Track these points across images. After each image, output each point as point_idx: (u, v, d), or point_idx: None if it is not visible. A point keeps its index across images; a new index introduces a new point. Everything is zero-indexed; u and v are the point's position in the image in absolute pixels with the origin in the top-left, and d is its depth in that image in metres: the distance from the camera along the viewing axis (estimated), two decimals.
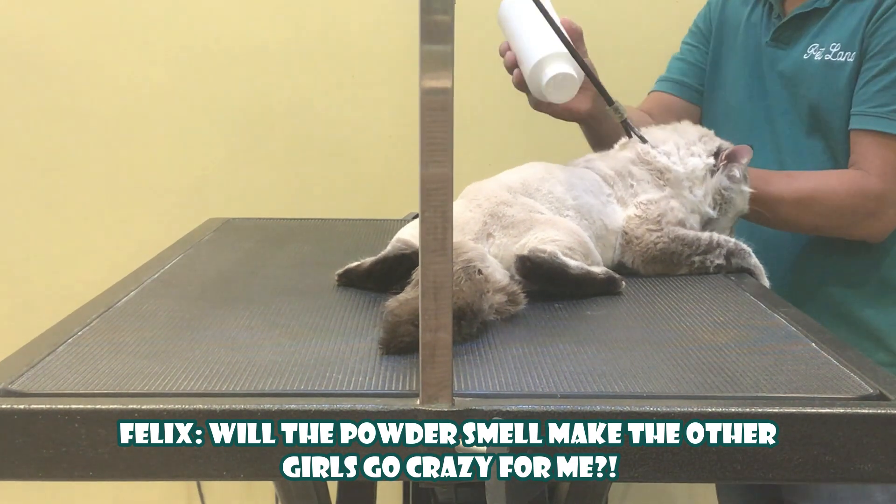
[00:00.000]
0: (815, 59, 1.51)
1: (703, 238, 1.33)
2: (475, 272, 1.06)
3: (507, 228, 1.22)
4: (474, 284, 1.05)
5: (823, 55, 1.50)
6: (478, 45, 2.00)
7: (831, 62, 1.49)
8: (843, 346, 1.00)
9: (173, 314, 1.10)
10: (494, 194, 1.27)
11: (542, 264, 1.15)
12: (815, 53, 1.52)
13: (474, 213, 1.23)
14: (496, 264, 1.16)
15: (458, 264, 1.06)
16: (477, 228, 1.22)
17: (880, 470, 0.82)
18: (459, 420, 0.80)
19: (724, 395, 0.86)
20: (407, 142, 2.12)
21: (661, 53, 2.02)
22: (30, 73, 2.11)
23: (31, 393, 0.85)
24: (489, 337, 1.03)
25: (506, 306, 1.08)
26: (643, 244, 1.32)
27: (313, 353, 0.96)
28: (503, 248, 1.20)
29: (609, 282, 1.22)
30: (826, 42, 1.51)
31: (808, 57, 1.52)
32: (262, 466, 0.81)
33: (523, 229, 1.21)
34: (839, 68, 1.49)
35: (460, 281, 1.04)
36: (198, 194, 2.15)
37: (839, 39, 1.49)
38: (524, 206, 1.25)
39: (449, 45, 0.78)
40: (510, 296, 1.10)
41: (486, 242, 1.21)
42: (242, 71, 2.12)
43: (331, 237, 1.64)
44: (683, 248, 1.32)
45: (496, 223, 1.22)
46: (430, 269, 0.80)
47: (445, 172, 0.79)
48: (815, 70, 1.51)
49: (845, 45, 1.48)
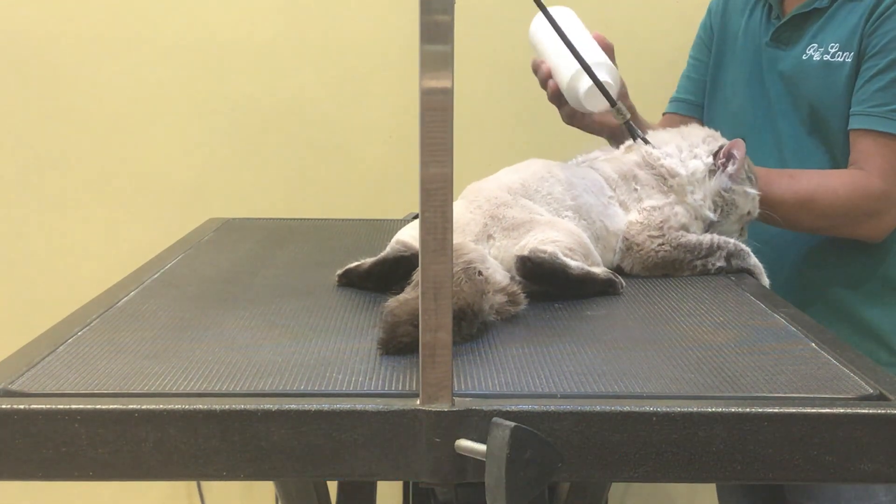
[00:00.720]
0: (814, 60, 1.51)
1: (703, 242, 1.33)
2: (475, 273, 1.06)
3: (508, 231, 1.22)
4: (475, 285, 1.05)
5: (822, 55, 1.50)
6: (478, 45, 2.00)
7: (830, 62, 1.49)
8: (843, 346, 1.00)
9: (173, 314, 1.10)
10: (495, 196, 1.27)
11: (542, 264, 1.15)
12: (813, 54, 1.51)
13: (475, 215, 1.24)
14: (497, 265, 1.16)
15: (458, 265, 1.06)
16: (477, 230, 1.22)
17: (880, 470, 0.82)
18: (459, 420, 0.80)
19: (724, 395, 0.86)
20: (407, 142, 2.12)
21: (661, 54, 2.02)
22: (30, 73, 2.11)
23: (31, 393, 0.85)
24: (489, 337, 1.03)
25: (506, 307, 1.08)
26: (644, 251, 1.32)
27: (313, 353, 0.96)
28: (503, 250, 1.20)
29: (609, 282, 1.22)
30: (825, 42, 1.51)
31: (806, 57, 1.52)
32: (262, 466, 0.81)
33: (523, 231, 1.21)
34: (838, 69, 1.48)
35: (460, 282, 1.04)
36: (198, 194, 2.15)
37: (838, 39, 1.49)
38: (524, 207, 1.25)
39: (449, 45, 0.78)
40: (510, 296, 1.10)
41: (487, 244, 1.21)
42: (243, 71, 2.12)
43: (331, 237, 1.64)
44: (685, 254, 1.32)
45: (497, 225, 1.22)
46: (430, 269, 0.80)
47: (445, 172, 0.79)
48: (813, 70, 1.51)
49: (844, 45, 1.48)
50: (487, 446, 0.77)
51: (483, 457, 0.78)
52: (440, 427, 0.80)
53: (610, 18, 2.08)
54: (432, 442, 0.80)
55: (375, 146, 2.15)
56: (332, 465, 0.81)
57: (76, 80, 2.12)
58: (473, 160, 1.39)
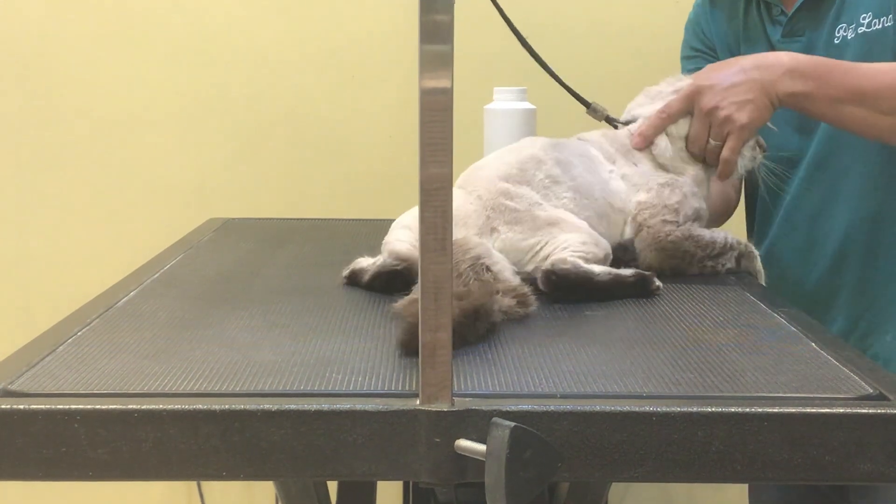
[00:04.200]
0: (850, 39, 1.41)
1: (717, 240, 1.31)
2: (483, 269, 1.06)
3: (512, 224, 1.21)
4: (485, 285, 1.05)
5: (856, 30, 1.41)
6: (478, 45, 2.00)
7: (867, 34, 1.39)
8: (843, 346, 1.00)
9: (173, 314, 1.10)
10: (493, 185, 1.25)
11: (567, 276, 1.16)
12: (846, 34, 1.41)
13: (475, 206, 1.22)
14: (503, 260, 1.15)
15: (465, 262, 1.06)
16: (480, 223, 1.21)
17: (880, 470, 0.82)
18: (459, 420, 0.80)
19: (724, 395, 0.86)
20: (407, 142, 2.12)
21: (660, 54, 2.02)
22: (30, 73, 2.11)
23: (31, 393, 0.85)
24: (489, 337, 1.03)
25: (515, 308, 1.08)
26: (654, 232, 1.29)
27: (313, 353, 0.96)
28: (509, 243, 1.20)
29: (640, 282, 1.20)
30: (854, 17, 1.41)
31: (839, 40, 1.42)
32: (262, 466, 0.81)
33: (529, 227, 1.21)
34: (880, 36, 1.39)
35: (469, 280, 1.04)
36: (198, 194, 2.15)
37: (869, 8, 1.39)
38: (523, 198, 1.24)
39: (449, 45, 0.78)
40: (520, 298, 1.10)
41: (491, 237, 1.20)
42: (243, 71, 2.12)
43: (331, 237, 1.65)
44: (697, 249, 1.30)
45: (499, 217, 1.22)
46: (430, 269, 0.80)
47: (445, 172, 0.79)
48: (851, 50, 1.40)
49: (878, 10, 1.39)
50: (487, 446, 0.77)
51: (483, 457, 0.77)
52: (440, 427, 0.80)
53: (609, 19, 2.08)
54: (432, 442, 0.80)
55: (375, 146, 2.15)
56: (332, 465, 0.81)
57: (76, 80, 2.12)
58: (473, 160, 1.39)
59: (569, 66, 1.55)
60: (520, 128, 1.53)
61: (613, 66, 2.07)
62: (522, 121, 1.54)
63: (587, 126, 1.48)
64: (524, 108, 1.54)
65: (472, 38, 1.98)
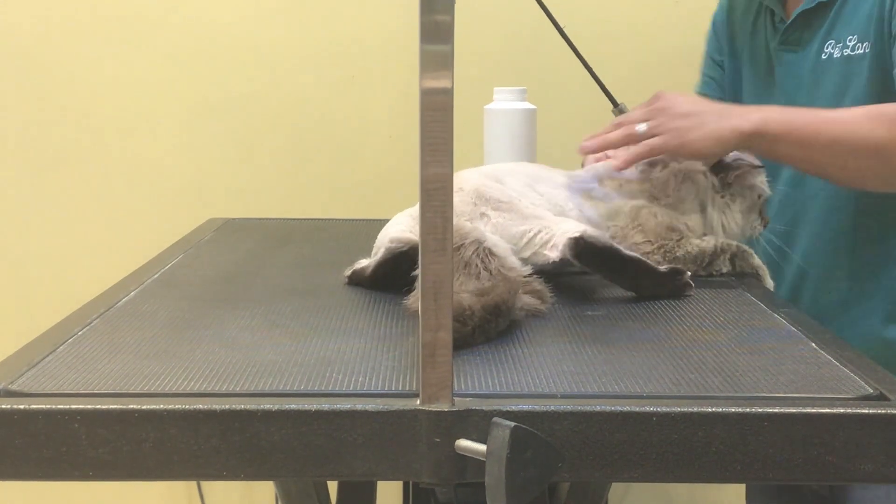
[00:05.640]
0: (835, 57, 1.43)
1: (706, 249, 1.30)
2: (487, 253, 1.06)
3: (500, 212, 1.21)
4: (509, 283, 1.05)
5: (842, 51, 1.42)
6: (478, 45, 2.00)
7: (850, 57, 1.41)
8: (844, 345, 1.00)
9: (173, 314, 1.10)
10: (472, 177, 1.27)
11: (595, 244, 1.15)
12: (833, 51, 1.43)
13: (459, 197, 1.22)
14: (501, 242, 1.15)
15: (468, 248, 1.06)
16: (468, 210, 1.21)
17: (881, 470, 0.82)
18: (459, 420, 0.80)
19: (724, 395, 0.86)
20: (407, 142, 2.12)
21: (661, 54, 2.02)
22: (29, 72, 2.11)
23: (31, 393, 0.85)
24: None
25: (535, 305, 1.09)
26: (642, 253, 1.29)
27: (313, 353, 0.96)
28: (501, 228, 1.20)
29: (671, 274, 1.19)
30: (842, 36, 1.42)
31: (826, 56, 1.44)
32: (262, 466, 0.81)
33: (518, 215, 1.21)
34: (859, 61, 1.40)
35: (478, 270, 1.04)
36: (198, 194, 2.15)
37: (855, 31, 1.40)
38: (504, 191, 1.25)
39: (449, 45, 0.78)
40: (538, 294, 1.11)
41: (481, 221, 1.20)
42: (243, 70, 2.12)
43: (331, 237, 1.65)
44: (687, 264, 1.29)
45: (486, 204, 1.22)
46: (430, 269, 0.80)
47: (445, 172, 0.79)
48: (835, 68, 1.43)
49: (862, 35, 1.40)
50: (487, 446, 0.77)
51: (483, 457, 0.77)
52: (440, 427, 0.80)
53: (610, 19, 2.08)
54: (432, 442, 0.80)
55: (375, 146, 2.15)
56: (332, 465, 0.81)
57: (76, 80, 2.12)
58: (473, 160, 1.39)
59: (568, 66, 1.55)
60: (520, 128, 1.53)
61: (613, 66, 2.07)
62: (522, 121, 1.54)
63: (587, 126, 1.48)
64: (524, 108, 1.55)
65: (472, 38, 1.98)
